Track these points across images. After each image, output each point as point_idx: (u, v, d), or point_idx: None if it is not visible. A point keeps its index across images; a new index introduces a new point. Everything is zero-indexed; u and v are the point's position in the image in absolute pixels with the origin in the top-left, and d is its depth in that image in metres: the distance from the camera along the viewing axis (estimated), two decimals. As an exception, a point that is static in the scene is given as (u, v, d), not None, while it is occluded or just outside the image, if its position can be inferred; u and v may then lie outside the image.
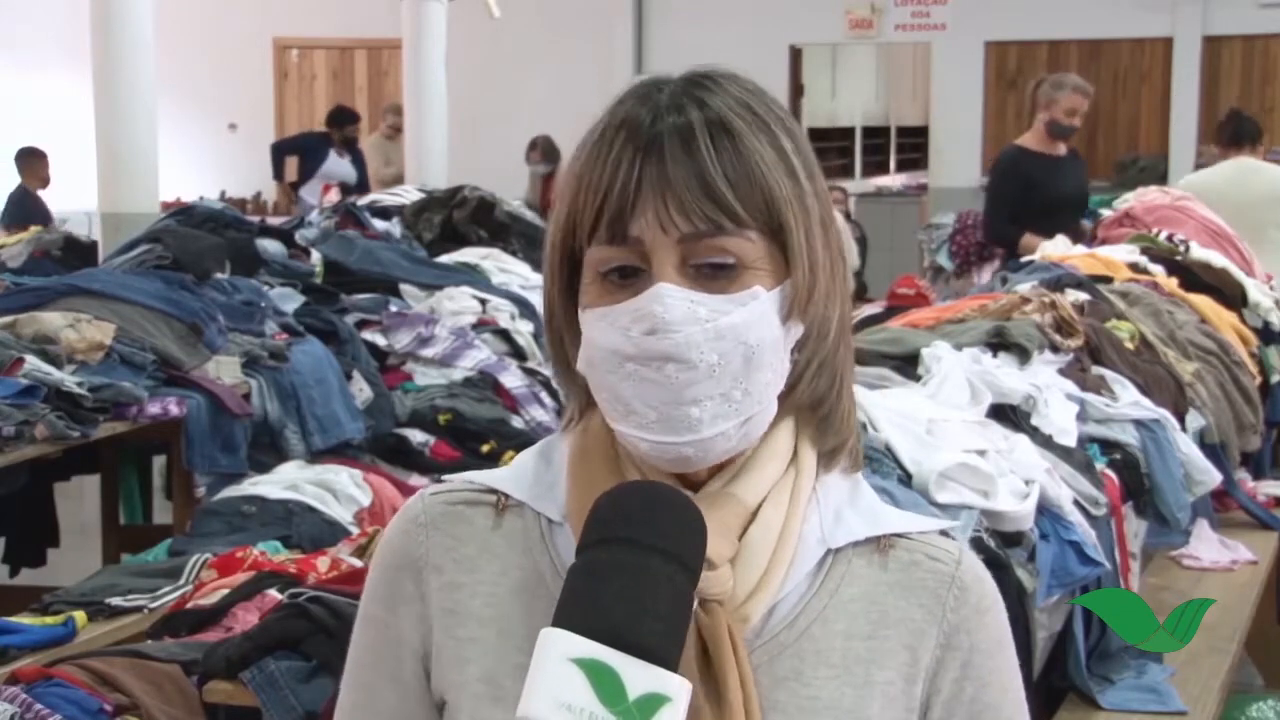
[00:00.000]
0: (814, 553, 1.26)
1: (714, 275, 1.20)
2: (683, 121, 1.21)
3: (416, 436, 6.09)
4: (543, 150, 12.88)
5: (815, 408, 1.27)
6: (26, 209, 10.67)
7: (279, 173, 13.19)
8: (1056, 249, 5.53)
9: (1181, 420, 4.00)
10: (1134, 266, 5.10)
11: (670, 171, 1.19)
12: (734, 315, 1.19)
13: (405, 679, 1.30)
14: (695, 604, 1.18)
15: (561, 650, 1.11)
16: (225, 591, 3.84)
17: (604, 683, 1.10)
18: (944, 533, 1.32)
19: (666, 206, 1.19)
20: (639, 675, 1.11)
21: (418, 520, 1.31)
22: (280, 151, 13.33)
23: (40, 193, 10.97)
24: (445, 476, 1.36)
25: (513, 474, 1.32)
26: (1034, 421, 3.30)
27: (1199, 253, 5.34)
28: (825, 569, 1.27)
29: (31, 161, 11.08)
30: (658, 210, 1.19)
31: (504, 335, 6.98)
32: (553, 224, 1.26)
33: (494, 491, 1.31)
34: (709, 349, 1.19)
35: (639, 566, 1.13)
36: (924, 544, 1.29)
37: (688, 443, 1.20)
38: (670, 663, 1.12)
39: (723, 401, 1.20)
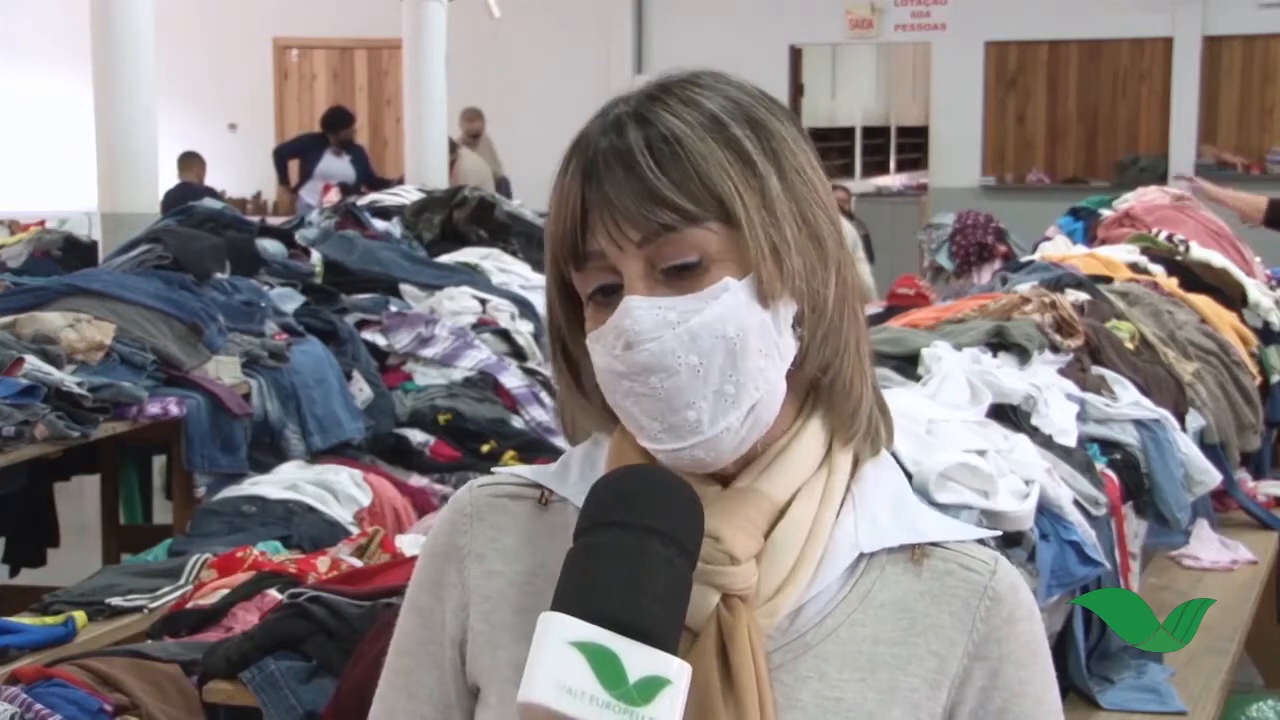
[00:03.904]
0: (846, 555, 1.26)
1: (682, 275, 1.21)
2: (621, 142, 1.22)
3: (416, 436, 6.09)
4: None
5: (824, 373, 1.27)
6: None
7: (284, 177, 13.20)
8: (1056, 249, 5.53)
9: (1181, 420, 4.00)
10: (1134, 266, 5.10)
11: (610, 191, 1.20)
12: (706, 312, 1.20)
13: (444, 665, 1.32)
14: (718, 599, 1.20)
15: (561, 634, 1.11)
16: (225, 591, 3.83)
17: (604, 666, 1.10)
18: (984, 542, 1.32)
19: (616, 223, 1.20)
20: (639, 658, 1.11)
21: (464, 511, 1.34)
22: (282, 156, 13.35)
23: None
24: (494, 469, 1.40)
25: (558, 469, 1.34)
26: (1034, 421, 3.29)
27: (1199, 253, 5.34)
28: (858, 573, 1.27)
29: (190, 163, 11.62)
30: (608, 227, 1.21)
31: (504, 335, 6.98)
32: (545, 256, 1.28)
33: (539, 486, 1.33)
34: (685, 352, 1.20)
35: (637, 549, 1.14)
36: (960, 553, 1.29)
37: (695, 445, 1.21)
38: (669, 645, 1.13)
39: (717, 399, 1.20)
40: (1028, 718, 1.27)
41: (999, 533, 2.61)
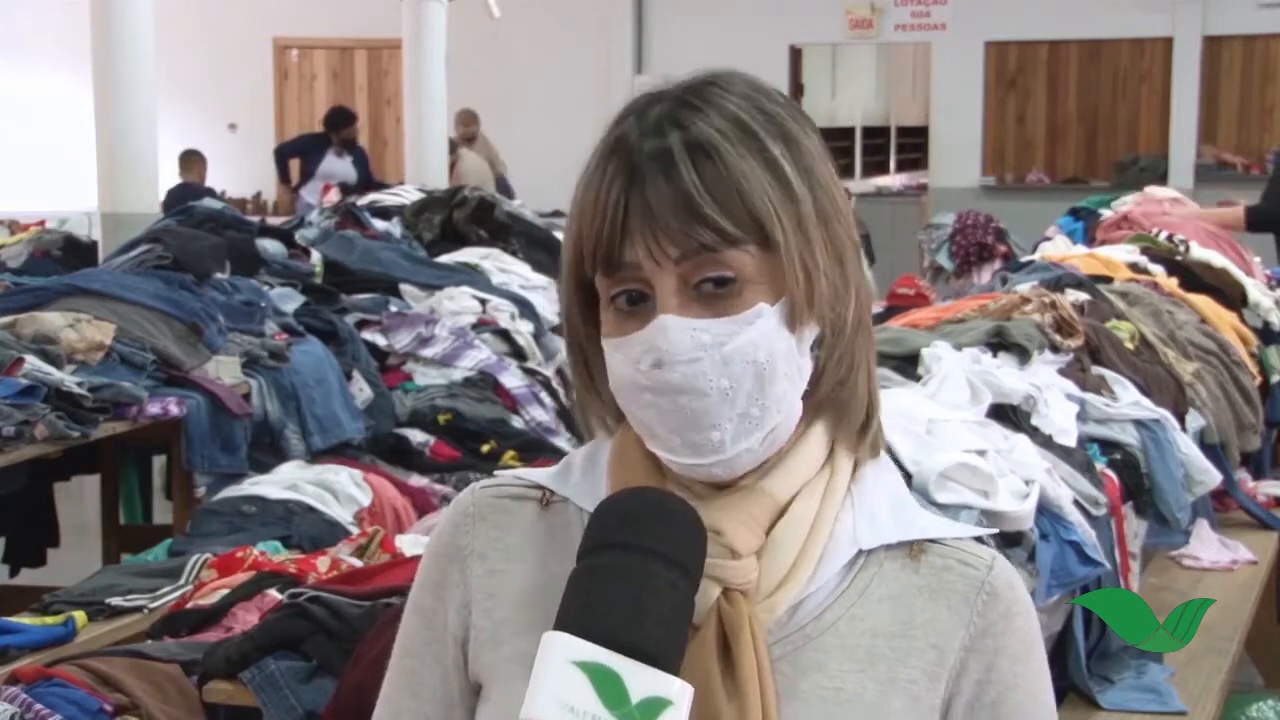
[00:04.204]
0: (845, 552, 1.28)
1: (716, 295, 1.21)
2: (663, 146, 1.21)
3: (416, 436, 6.09)
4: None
5: (839, 389, 1.28)
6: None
7: (285, 176, 13.20)
8: (1056, 249, 5.53)
9: (1181, 420, 4.00)
10: (1134, 266, 5.10)
11: (653, 201, 1.20)
12: (740, 338, 1.20)
13: (447, 663, 1.34)
14: (718, 593, 1.21)
15: (564, 653, 1.12)
16: (225, 591, 3.83)
17: (606, 686, 1.11)
18: (983, 540, 1.33)
19: (655, 237, 1.20)
20: (641, 679, 1.12)
21: (466, 512, 1.35)
22: (283, 155, 13.34)
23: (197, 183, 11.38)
24: (495, 471, 1.41)
25: (560, 471, 1.35)
26: (1034, 421, 3.29)
27: (1199, 253, 5.35)
28: (856, 569, 1.29)
29: (191, 161, 11.59)
30: (647, 241, 1.20)
31: (504, 335, 6.98)
32: (563, 249, 1.28)
33: (540, 487, 1.34)
34: (718, 375, 1.20)
35: (641, 571, 1.15)
36: (957, 550, 1.30)
37: (714, 463, 1.23)
38: (672, 666, 1.14)
39: (742, 421, 1.22)
40: (1022, 711, 1.29)
41: (995, 531, 2.62)
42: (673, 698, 1.12)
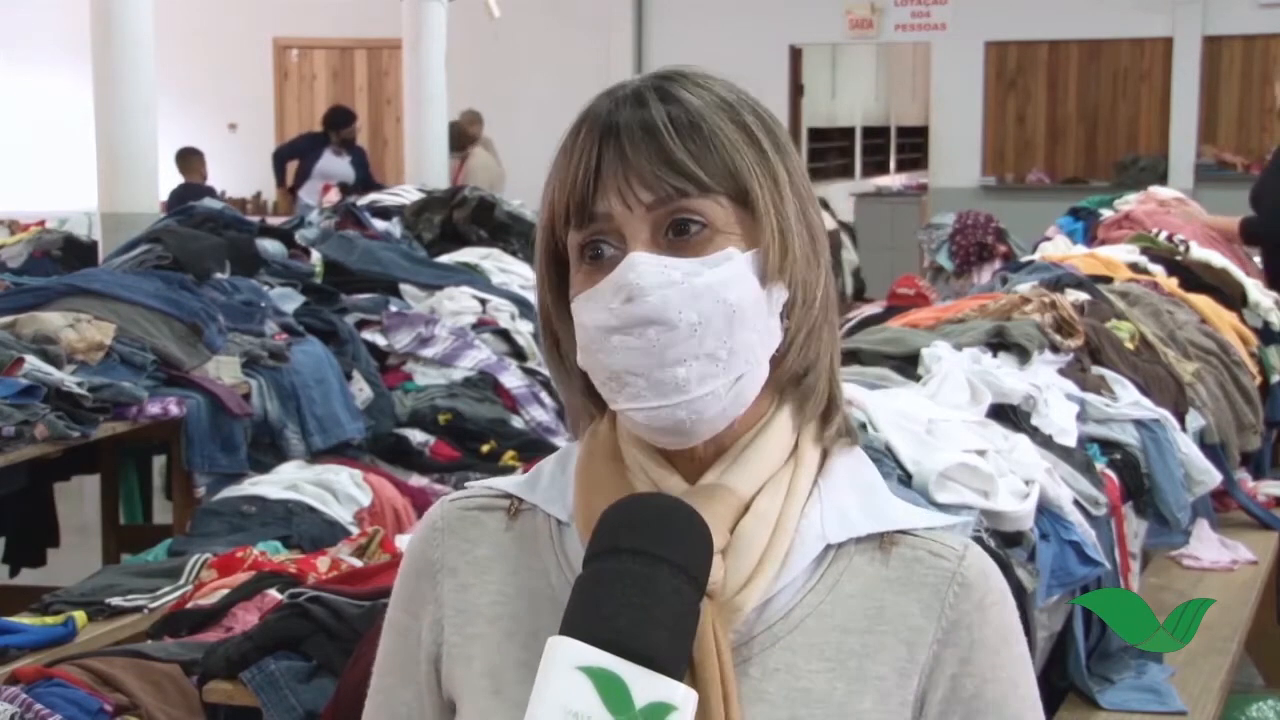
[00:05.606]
0: (813, 548, 1.27)
1: (686, 240, 1.22)
2: (643, 109, 1.23)
3: (416, 436, 6.09)
4: (450, 137, 13.07)
5: (804, 373, 1.28)
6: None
7: (282, 180, 13.21)
8: (1056, 249, 5.53)
9: (1181, 420, 4.00)
10: (1134, 266, 5.11)
11: (629, 151, 1.22)
12: (709, 275, 1.21)
13: (420, 681, 1.33)
14: None
15: (569, 658, 1.12)
16: (225, 591, 3.83)
17: (611, 691, 1.11)
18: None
19: (629, 182, 1.21)
20: (645, 684, 1.12)
21: (436, 526, 1.35)
22: (281, 158, 13.35)
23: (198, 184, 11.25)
24: (472, 479, 1.41)
25: (529, 479, 1.35)
26: (1034, 421, 3.29)
27: (1199, 253, 5.35)
28: (825, 564, 1.27)
29: (191, 160, 11.50)
30: (620, 188, 1.22)
31: (504, 335, 6.99)
32: (537, 229, 1.29)
33: (508, 496, 1.34)
34: (688, 308, 1.20)
35: (646, 576, 1.15)
36: (928, 540, 1.29)
37: (678, 404, 1.21)
38: (676, 672, 1.13)
39: (709, 361, 1.21)
40: (1001, 704, 1.27)
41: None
42: (677, 703, 1.12)
